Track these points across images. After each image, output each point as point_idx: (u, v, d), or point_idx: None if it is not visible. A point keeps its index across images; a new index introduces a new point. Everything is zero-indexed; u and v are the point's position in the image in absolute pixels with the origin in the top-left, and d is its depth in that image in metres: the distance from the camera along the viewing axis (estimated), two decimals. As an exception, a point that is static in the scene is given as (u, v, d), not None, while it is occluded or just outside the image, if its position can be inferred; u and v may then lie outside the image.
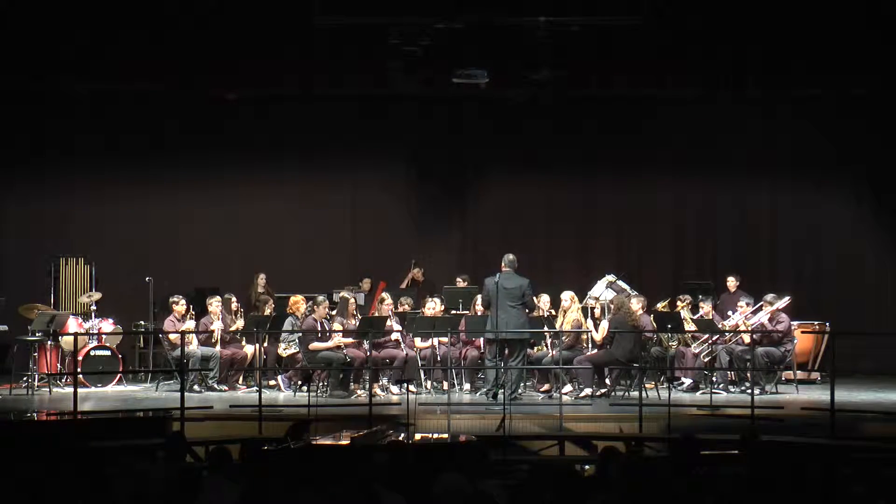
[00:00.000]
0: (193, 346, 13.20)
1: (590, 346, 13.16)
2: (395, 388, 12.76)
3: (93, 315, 14.32)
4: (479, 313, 13.25)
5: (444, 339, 13.03)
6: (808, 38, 13.97)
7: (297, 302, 13.34)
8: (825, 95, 15.28)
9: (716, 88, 14.87)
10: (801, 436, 10.17)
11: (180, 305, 13.46)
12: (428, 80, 14.09)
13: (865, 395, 12.99)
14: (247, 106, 16.01)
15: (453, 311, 13.95)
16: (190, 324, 13.33)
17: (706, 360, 13.19)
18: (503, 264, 12.38)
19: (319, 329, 12.84)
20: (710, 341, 13.14)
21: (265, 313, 13.57)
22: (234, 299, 13.98)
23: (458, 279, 15.16)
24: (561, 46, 13.56)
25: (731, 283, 14.70)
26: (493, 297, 12.18)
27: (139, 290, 14.83)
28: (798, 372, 13.65)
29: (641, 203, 16.76)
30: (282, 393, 13.11)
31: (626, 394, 12.87)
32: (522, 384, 12.87)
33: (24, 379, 13.29)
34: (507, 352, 12.24)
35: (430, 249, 16.50)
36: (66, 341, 13.34)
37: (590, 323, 13.11)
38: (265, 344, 13.43)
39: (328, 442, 9.34)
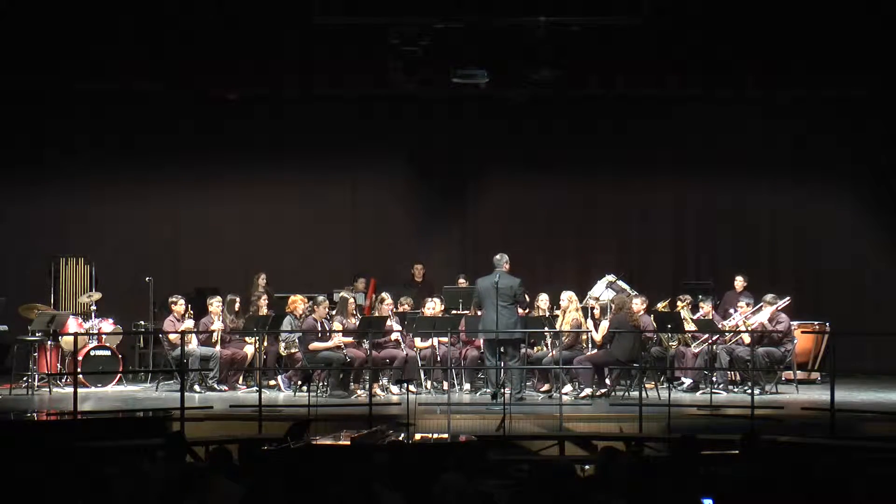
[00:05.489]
0: (193, 346, 13.20)
1: (589, 346, 13.16)
2: (395, 388, 12.76)
3: (93, 315, 14.32)
4: (478, 314, 13.26)
5: (444, 339, 13.03)
6: (808, 38, 13.96)
7: (295, 301, 13.35)
8: (825, 95, 15.28)
9: (716, 88, 14.87)
10: (801, 436, 10.17)
11: (179, 305, 13.45)
12: (428, 80, 14.08)
13: (865, 395, 12.99)
14: (247, 106, 16.02)
15: (453, 311, 13.96)
16: (189, 323, 13.33)
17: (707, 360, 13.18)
18: (496, 265, 12.36)
19: (319, 329, 12.84)
20: (709, 341, 13.13)
21: (261, 313, 13.55)
22: (238, 300, 13.99)
23: (459, 279, 15.18)
24: (561, 46, 13.55)
25: (739, 282, 14.67)
26: (484, 297, 12.20)
27: (139, 290, 14.83)
28: (798, 372, 13.64)
29: (641, 203, 16.77)
30: (282, 393, 13.11)
31: (626, 394, 12.87)
32: (522, 383, 12.87)
33: (24, 379, 13.30)
34: (502, 351, 12.24)
35: (430, 249, 16.52)
36: (66, 341, 13.34)
37: (590, 323, 13.11)
38: (265, 344, 13.43)
39: (328, 442, 9.33)
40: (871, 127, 16.05)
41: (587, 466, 8.70)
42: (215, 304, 13.54)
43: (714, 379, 13.05)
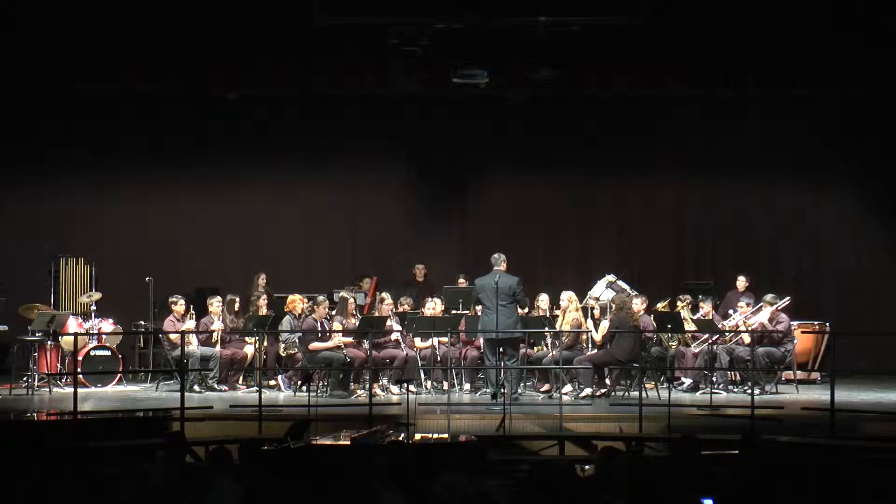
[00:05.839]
0: (193, 346, 13.20)
1: (589, 346, 13.16)
2: (395, 388, 12.76)
3: (93, 315, 14.32)
4: (478, 313, 13.25)
5: (444, 339, 13.03)
6: (808, 38, 13.97)
7: (294, 300, 13.35)
8: (825, 95, 15.28)
9: (716, 88, 14.87)
10: (801, 436, 10.17)
11: (179, 305, 13.46)
12: (428, 80, 14.08)
13: (865, 395, 12.99)
14: (247, 106, 16.01)
15: (453, 311, 13.96)
16: (190, 323, 13.33)
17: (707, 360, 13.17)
18: (493, 263, 12.37)
19: (319, 329, 12.84)
20: (709, 341, 13.13)
21: (261, 313, 13.54)
22: (238, 300, 13.99)
23: (460, 279, 15.19)
24: (561, 46, 13.56)
25: (741, 282, 14.66)
26: (483, 297, 12.19)
27: (139, 290, 14.84)
28: (798, 372, 13.65)
29: (641, 203, 16.77)
30: (282, 393, 13.11)
31: (626, 394, 12.87)
32: (522, 384, 12.89)
33: (24, 379, 13.30)
34: (501, 351, 12.26)
35: (430, 249, 16.52)
36: (66, 341, 13.34)
37: (590, 323, 13.11)
38: (265, 344, 13.43)
39: (328, 442, 9.33)
40: (871, 127, 16.04)
41: (587, 466, 8.70)
42: (215, 304, 13.54)
43: (714, 379, 13.05)
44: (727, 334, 13.23)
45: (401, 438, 9.49)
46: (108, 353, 13.87)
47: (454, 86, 13.89)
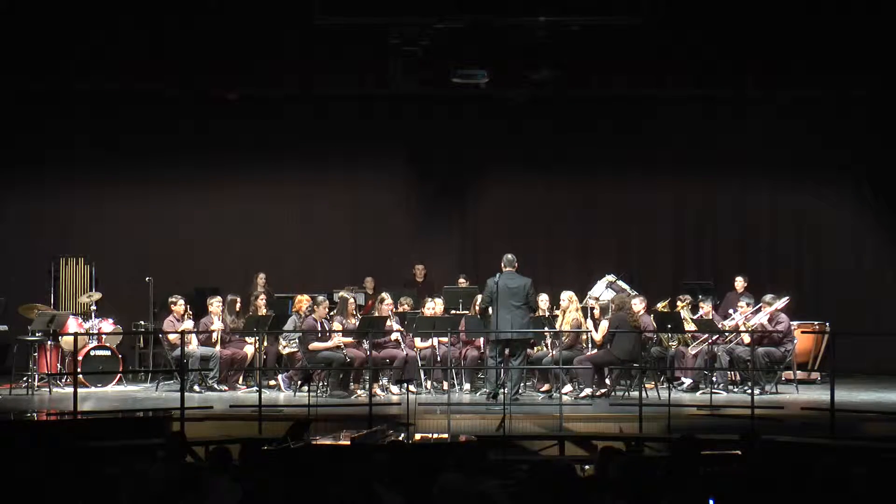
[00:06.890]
0: (193, 346, 13.20)
1: (589, 346, 13.16)
2: (395, 388, 12.76)
3: (93, 315, 14.32)
4: (478, 314, 13.24)
5: (444, 339, 13.03)
6: (808, 38, 13.97)
7: (301, 301, 13.38)
8: (825, 95, 15.28)
9: (716, 88, 14.87)
10: (801, 436, 10.17)
11: (179, 305, 13.45)
12: (428, 80, 14.08)
13: (865, 395, 12.98)
14: (247, 106, 16.00)
15: (453, 311, 13.96)
16: (188, 323, 13.32)
17: (707, 360, 13.16)
18: (504, 264, 12.39)
19: (319, 329, 12.84)
20: (708, 342, 13.12)
21: (259, 313, 13.54)
22: (238, 300, 13.99)
23: (460, 279, 15.18)
24: (561, 46, 13.56)
25: (739, 283, 14.64)
26: (494, 297, 12.18)
27: (139, 290, 14.83)
28: (798, 372, 13.65)
29: (641, 203, 16.77)
30: (282, 393, 13.11)
31: (626, 394, 12.87)
32: (522, 384, 12.89)
33: (24, 379, 13.30)
34: (507, 352, 12.25)
35: (430, 249, 16.52)
36: (66, 341, 13.34)
37: (590, 323, 13.11)
38: (265, 344, 13.44)
39: (328, 442, 9.34)
40: (871, 127, 16.04)
41: (587, 466, 8.70)
42: (215, 304, 13.54)
43: (714, 379, 13.05)
44: (727, 334, 13.22)
45: (401, 438, 9.50)
46: (108, 353, 13.86)
47: (454, 86, 13.89)
